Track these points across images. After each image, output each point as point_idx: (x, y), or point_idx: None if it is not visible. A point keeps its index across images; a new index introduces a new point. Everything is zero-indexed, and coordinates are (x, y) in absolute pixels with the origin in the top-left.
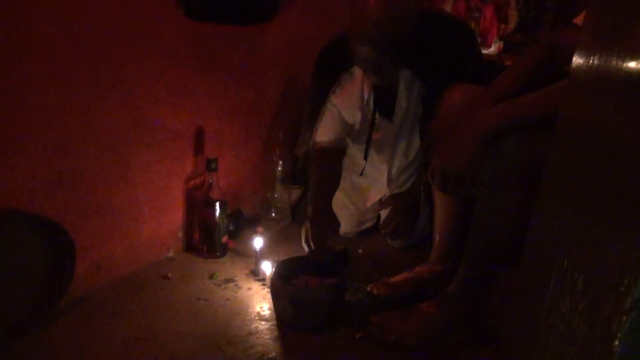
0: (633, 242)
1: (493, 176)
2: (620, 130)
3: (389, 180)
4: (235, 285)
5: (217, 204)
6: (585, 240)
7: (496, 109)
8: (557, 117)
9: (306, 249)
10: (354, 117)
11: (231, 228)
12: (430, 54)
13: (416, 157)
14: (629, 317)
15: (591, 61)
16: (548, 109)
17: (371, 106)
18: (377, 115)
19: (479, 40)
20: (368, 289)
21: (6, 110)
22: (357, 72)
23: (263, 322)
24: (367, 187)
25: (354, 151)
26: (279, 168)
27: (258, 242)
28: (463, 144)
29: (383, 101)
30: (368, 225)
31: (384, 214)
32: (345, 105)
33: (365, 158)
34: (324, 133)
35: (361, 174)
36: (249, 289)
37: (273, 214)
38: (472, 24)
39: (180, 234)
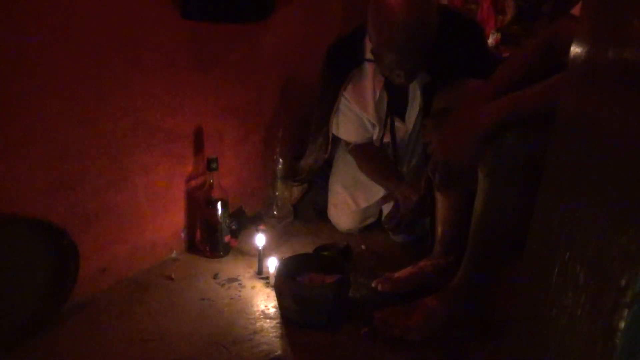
0: (634, 236)
1: (493, 169)
2: (620, 122)
3: None
4: (239, 284)
5: (219, 203)
6: (586, 234)
7: (497, 103)
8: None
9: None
10: (367, 112)
11: (233, 227)
12: (441, 50)
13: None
14: (631, 310)
15: (589, 52)
16: (549, 103)
17: (384, 106)
18: (392, 116)
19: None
20: (372, 285)
21: (7, 115)
22: (368, 69)
23: (268, 321)
24: (370, 184)
25: None
26: (280, 166)
27: (261, 241)
28: (465, 140)
29: (395, 101)
30: (370, 220)
31: (386, 209)
32: (358, 99)
33: (392, 155)
34: (351, 133)
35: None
36: (253, 287)
37: (275, 212)
38: None
39: (182, 235)
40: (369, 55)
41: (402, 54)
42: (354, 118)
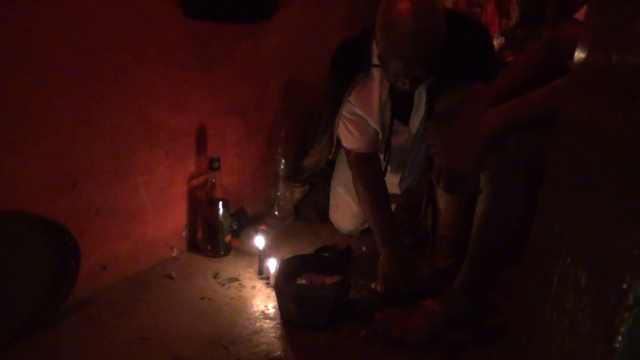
0: (635, 239)
1: (496, 173)
2: (622, 126)
3: (402, 180)
4: (239, 284)
5: (220, 203)
6: (587, 237)
7: (500, 108)
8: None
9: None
10: (373, 117)
11: (234, 227)
12: (448, 53)
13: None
14: (632, 313)
15: (592, 56)
16: (551, 107)
17: (389, 110)
18: (394, 121)
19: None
20: (372, 286)
21: (9, 113)
22: (375, 73)
23: (267, 321)
24: None
25: None
26: (282, 166)
27: (261, 241)
28: (469, 145)
29: (399, 106)
30: None
31: None
32: (364, 104)
33: (386, 161)
34: (353, 141)
35: (384, 175)
36: (253, 287)
37: (276, 212)
38: None
39: (183, 234)
40: (375, 60)
41: (408, 62)
42: (359, 123)
